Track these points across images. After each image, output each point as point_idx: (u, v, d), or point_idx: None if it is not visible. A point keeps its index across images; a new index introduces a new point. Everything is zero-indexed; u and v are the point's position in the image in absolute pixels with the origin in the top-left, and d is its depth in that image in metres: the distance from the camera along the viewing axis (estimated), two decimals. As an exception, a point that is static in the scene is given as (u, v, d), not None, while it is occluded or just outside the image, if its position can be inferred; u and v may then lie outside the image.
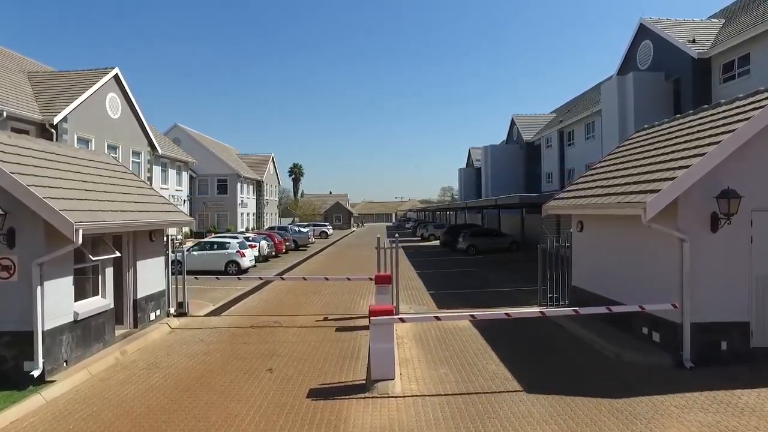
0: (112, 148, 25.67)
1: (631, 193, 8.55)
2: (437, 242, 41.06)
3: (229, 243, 21.54)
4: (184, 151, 42.74)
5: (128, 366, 8.65)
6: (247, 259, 21.53)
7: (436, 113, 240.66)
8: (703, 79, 19.52)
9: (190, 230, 47.88)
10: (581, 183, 12.04)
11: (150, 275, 11.31)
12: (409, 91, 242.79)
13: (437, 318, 7.07)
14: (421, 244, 41.95)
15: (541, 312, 7.26)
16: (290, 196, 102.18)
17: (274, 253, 27.99)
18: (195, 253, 21.42)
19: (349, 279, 11.62)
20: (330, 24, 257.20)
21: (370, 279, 11.41)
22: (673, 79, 21.43)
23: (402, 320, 7.03)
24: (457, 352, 9.18)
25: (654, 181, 8.25)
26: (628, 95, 22.35)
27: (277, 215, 66.91)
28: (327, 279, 11.70)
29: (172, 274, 21.72)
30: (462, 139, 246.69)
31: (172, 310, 12.30)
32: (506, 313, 7.10)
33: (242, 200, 50.76)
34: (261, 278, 12.27)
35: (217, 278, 12.47)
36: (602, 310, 7.39)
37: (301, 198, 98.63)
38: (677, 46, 20.36)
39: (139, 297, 10.81)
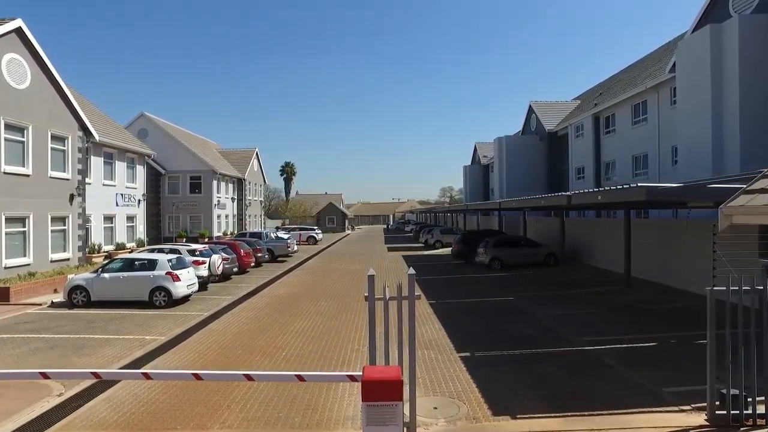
0: (17, 129, 18.89)
1: None
2: (446, 251, 33.99)
3: (157, 261, 14.74)
4: (153, 144, 35.96)
5: None
6: (184, 284, 14.71)
7: (434, 112, 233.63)
8: None
9: (160, 236, 41.27)
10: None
11: None
12: (408, 90, 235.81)
13: None
14: (426, 253, 34.64)
15: None
16: (282, 196, 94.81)
17: (236, 269, 21.21)
18: (106, 275, 14.64)
19: (301, 379, 4.70)
20: (327, 23, 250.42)
21: (352, 379, 4.77)
22: (799, 24, 14.89)
23: None
24: None
25: None
26: (727, 49, 15.75)
27: (262, 217, 59.85)
28: (249, 378, 4.76)
29: (75, 305, 15.01)
30: (460, 139, 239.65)
31: None
32: None
33: (219, 200, 43.90)
34: (95, 373, 5.25)
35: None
36: None
37: (292, 198, 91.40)
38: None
39: None
